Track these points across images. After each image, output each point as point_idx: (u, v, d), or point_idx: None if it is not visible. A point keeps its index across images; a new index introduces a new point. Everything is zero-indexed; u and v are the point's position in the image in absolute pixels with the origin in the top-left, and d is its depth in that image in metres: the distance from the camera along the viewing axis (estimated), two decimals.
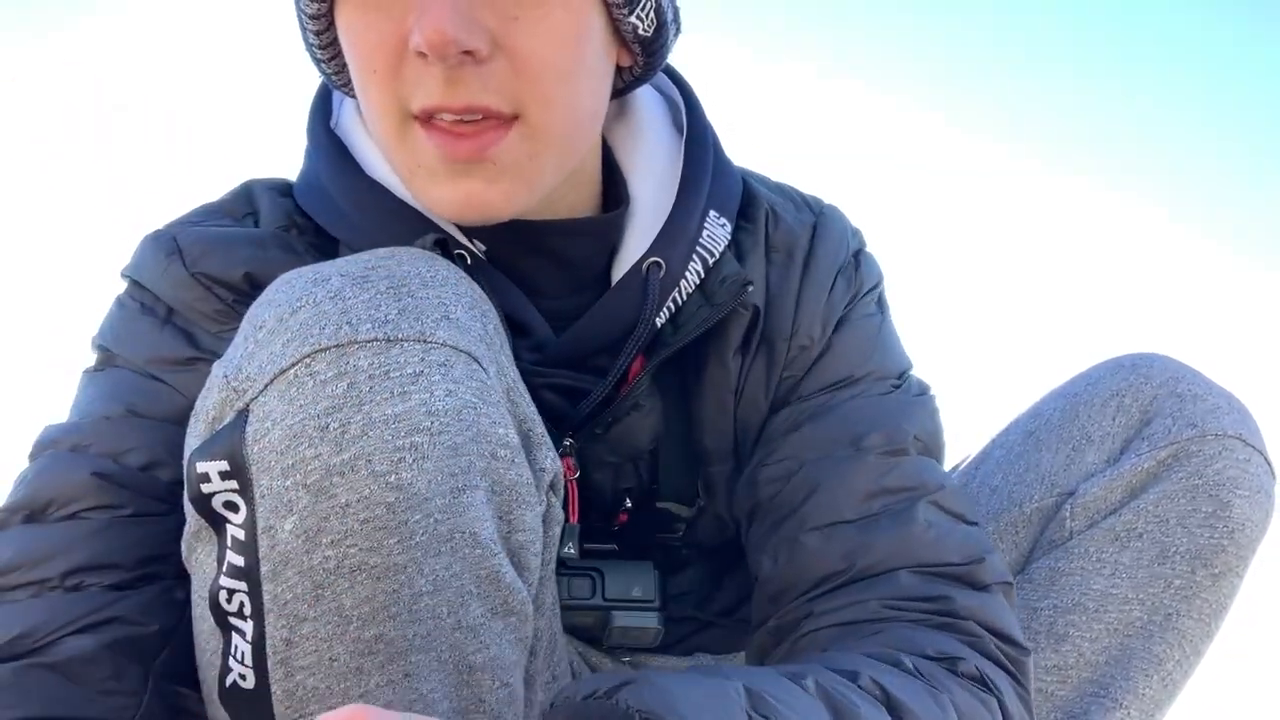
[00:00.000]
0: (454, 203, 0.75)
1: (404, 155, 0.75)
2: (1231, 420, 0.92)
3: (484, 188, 0.74)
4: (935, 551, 0.79)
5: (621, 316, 0.83)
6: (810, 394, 0.88)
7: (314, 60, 0.82)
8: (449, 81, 0.70)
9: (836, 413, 0.86)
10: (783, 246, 0.90)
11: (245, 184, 0.89)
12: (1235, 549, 0.91)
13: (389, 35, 0.71)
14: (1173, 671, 0.93)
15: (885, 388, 0.88)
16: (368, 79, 0.74)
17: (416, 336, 0.60)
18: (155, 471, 0.75)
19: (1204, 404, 0.93)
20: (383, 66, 0.72)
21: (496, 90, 0.71)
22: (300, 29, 0.79)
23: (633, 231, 0.86)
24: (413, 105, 0.72)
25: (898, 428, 0.84)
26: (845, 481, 0.82)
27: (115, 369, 0.80)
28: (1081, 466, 0.96)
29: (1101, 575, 0.92)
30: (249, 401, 0.60)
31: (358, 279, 0.62)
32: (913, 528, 0.79)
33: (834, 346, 0.89)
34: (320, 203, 0.85)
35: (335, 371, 0.59)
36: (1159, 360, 0.97)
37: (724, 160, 0.91)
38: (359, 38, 0.73)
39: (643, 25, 0.78)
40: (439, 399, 0.60)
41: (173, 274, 0.80)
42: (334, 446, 0.58)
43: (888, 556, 0.79)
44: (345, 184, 0.84)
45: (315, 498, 0.58)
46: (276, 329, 0.61)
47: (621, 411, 0.85)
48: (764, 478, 0.86)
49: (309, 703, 0.62)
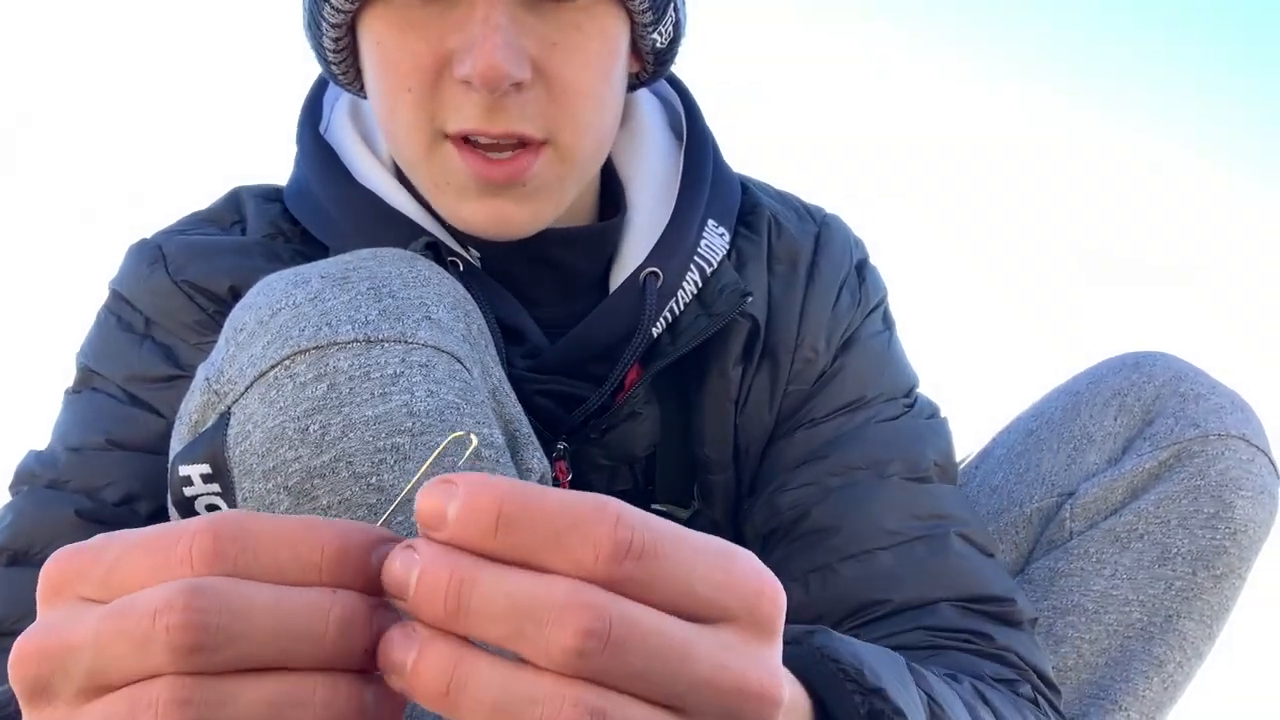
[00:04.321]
0: (484, 220, 0.76)
1: (432, 171, 0.76)
2: (1235, 420, 0.91)
3: (514, 208, 0.76)
4: (973, 584, 0.78)
5: (618, 325, 0.82)
6: (824, 417, 0.86)
7: (321, 60, 0.81)
8: (490, 109, 0.71)
9: (855, 439, 0.84)
10: (786, 257, 0.89)
11: (234, 190, 0.89)
12: (1238, 550, 0.90)
13: (425, 57, 0.71)
14: (1173, 673, 0.92)
15: (897, 409, 0.87)
16: (398, 98, 0.73)
17: (397, 337, 0.60)
18: (134, 505, 0.76)
19: (1207, 403, 0.92)
20: (418, 87, 0.72)
21: (533, 117, 0.72)
22: (310, 28, 0.78)
23: (630, 240, 0.85)
24: (448, 127, 0.73)
25: (920, 454, 0.83)
26: (875, 508, 0.80)
27: (94, 391, 0.80)
28: (1082, 466, 0.95)
29: (1101, 576, 0.91)
30: (230, 404, 0.60)
31: (338, 280, 0.62)
32: (950, 559, 0.78)
33: (845, 367, 0.88)
34: (309, 209, 0.85)
35: (315, 374, 0.58)
36: (1162, 359, 0.96)
37: (723, 167, 0.91)
38: (393, 56, 0.73)
39: (661, 39, 0.79)
40: (420, 400, 0.59)
41: (155, 282, 0.81)
42: (314, 449, 0.58)
43: (928, 588, 0.78)
44: (334, 191, 0.84)
45: (297, 500, 0.58)
46: (257, 331, 0.60)
47: (617, 419, 0.84)
48: (786, 502, 0.84)
49: None
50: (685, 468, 0.90)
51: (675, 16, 0.79)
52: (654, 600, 0.35)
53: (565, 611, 0.34)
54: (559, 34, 0.72)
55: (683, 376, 0.88)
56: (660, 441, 0.88)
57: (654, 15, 0.76)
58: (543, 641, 0.34)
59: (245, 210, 0.87)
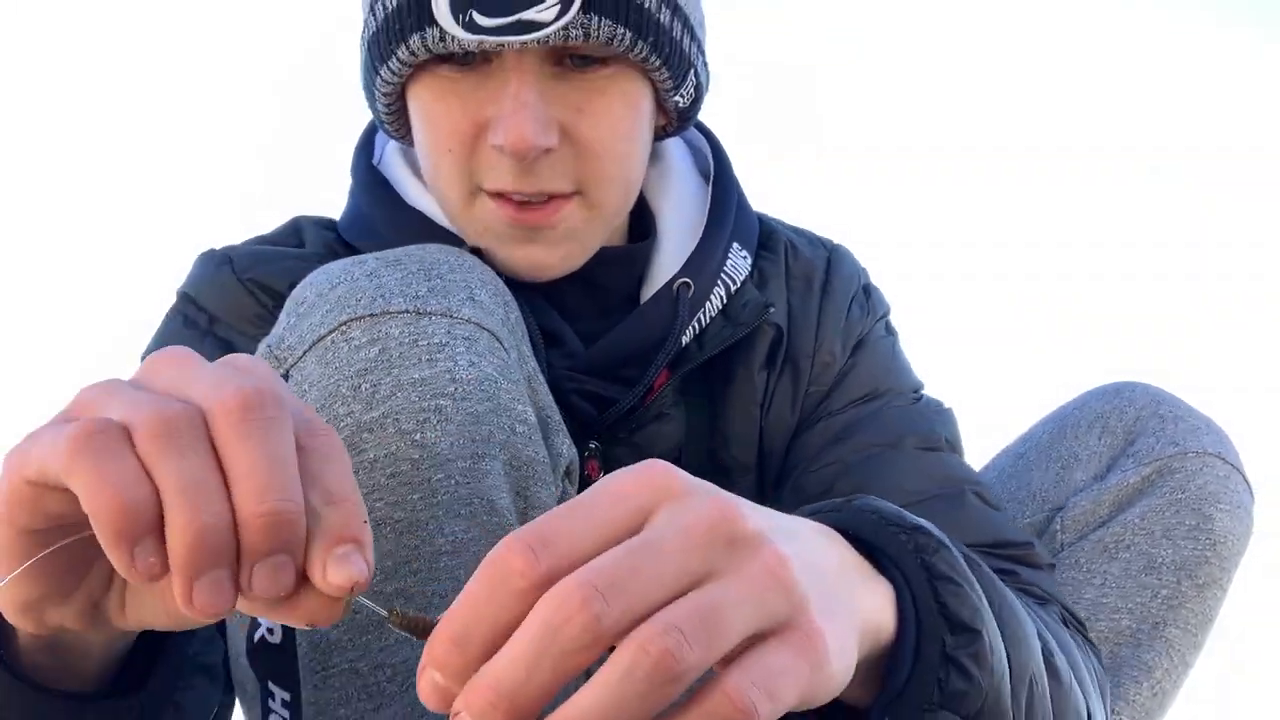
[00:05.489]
0: (519, 264, 0.83)
1: (472, 220, 0.83)
2: (1211, 440, 0.97)
3: (545, 252, 0.83)
4: (994, 532, 0.82)
5: (651, 331, 0.87)
6: (839, 409, 0.92)
7: (376, 118, 0.89)
8: (522, 172, 0.78)
9: (870, 422, 0.90)
10: (801, 275, 0.97)
11: (294, 219, 0.96)
12: (1218, 560, 0.95)
13: (464, 123, 0.79)
14: (1161, 680, 0.96)
15: (908, 399, 0.94)
16: (441, 157, 0.81)
17: (444, 311, 0.65)
18: None
19: (1184, 424, 0.98)
20: (458, 148, 0.80)
21: (562, 175, 0.79)
22: (366, 88, 0.86)
23: (660, 260, 0.91)
24: (484, 184, 0.80)
25: (930, 430, 0.90)
26: (892, 475, 0.85)
27: None
28: (1070, 483, 1.01)
29: (1091, 585, 0.96)
30: (289, 368, 0.64)
31: (391, 262, 0.67)
32: (969, 511, 0.83)
33: (857, 364, 0.94)
34: (363, 231, 0.91)
35: (369, 338, 0.63)
36: (1141, 386, 1.03)
37: (745, 203, 0.98)
38: (435, 121, 0.80)
39: (683, 99, 0.85)
40: (462, 368, 0.63)
41: (221, 279, 0.87)
42: (365, 405, 0.61)
43: (951, 537, 0.81)
44: (388, 213, 0.90)
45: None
46: (316, 303, 0.65)
47: (646, 419, 0.89)
48: (810, 483, 0.89)
49: (331, 655, 0.64)
50: (708, 470, 0.94)
51: (696, 80, 0.86)
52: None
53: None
54: (585, 100, 0.78)
55: (710, 383, 0.93)
56: (686, 443, 0.93)
57: (674, 82, 0.82)
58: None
59: (305, 236, 0.93)
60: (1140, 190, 3.77)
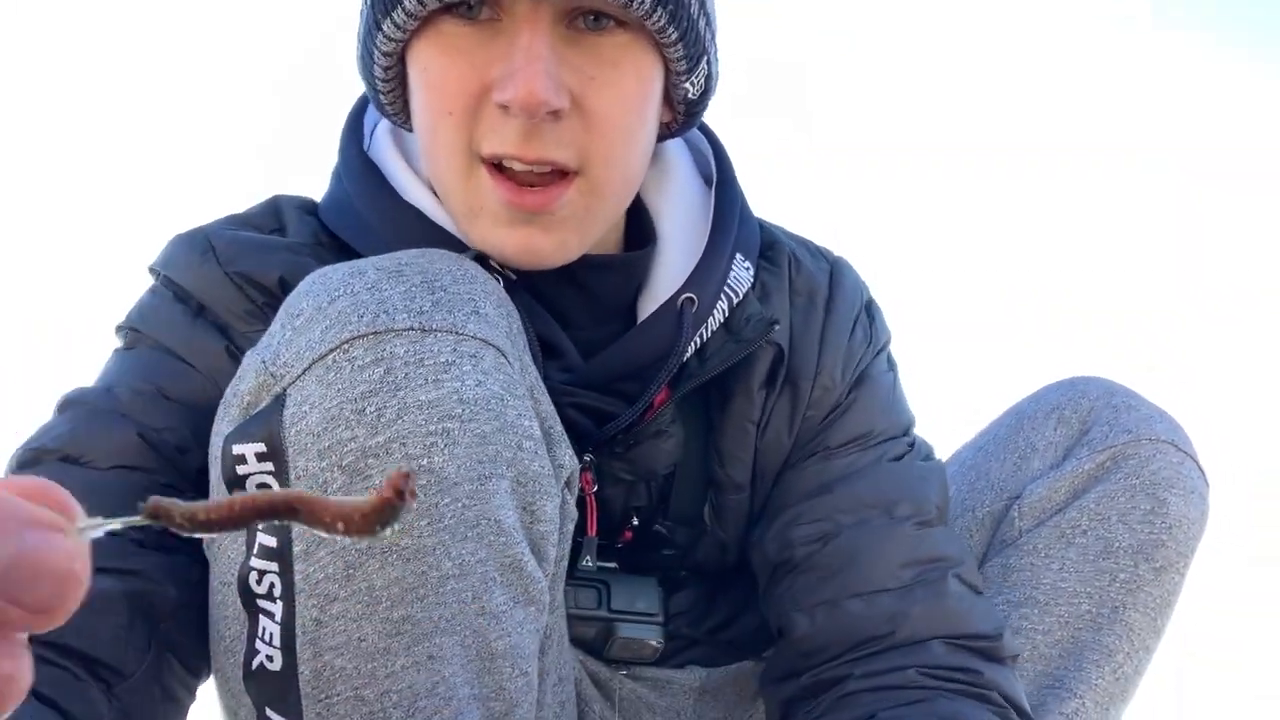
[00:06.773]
0: (512, 248, 0.79)
1: (466, 196, 0.79)
2: (1164, 427, 1.00)
3: (542, 236, 0.79)
4: (964, 623, 0.85)
5: (653, 347, 0.86)
6: (836, 448, 0.93)
7: (371, 90, 0.85)
8: (526, 135, 0.74)
9: (865, 477, 0.91)
10: (805, 290, 0.96)
11: (272, 199, 0.92)
12: (1174, 544, 0.97)
13: (470, 82, 0.75)
14: (1123, 664, 0.98)
15: (902, 448, 0.94)
16: (440, 120, 0.77)
17: (449, 328, 0.63)
18: (186, 456, 0.76)
19: (1138, 413, 1.00)
20: (459, 110, 0.76)
21: (567, 145, 0.76)
22: (363, 58, 0.82)
23: (661, 269, 0.90)
24: (483, 149, 0.76)
25: (924, 497, 0.91)
26: (884, 550, 0.87)
27: (146, 349, 0.81)
28: (1027, 472, 1.03)
29: (1050, 570, 0.98)
30: (287, 386, 0.63)
31: (392, 273, 0.66)
32: (946, 600, 0.85)
33: (857, 400, 0.94)
34: (351, 223, 0.87)
35: (372, 357, 0.62)
36: (1095, 380, 1.06)
37: (748, 209, 0.97)
38: (438, 80, 0.77)
39: (693, 89, 0.84)
40: (469, 388, 0.62)
41: (206, 271, 0.82)
42: (370, 429, 0.61)
43: (924, 626, 0.84)
44: (380, 206, 0.86)
45: (350, 479, 0.61)
46: (314, 317, 0.64)
47: (644, 436, 0.88)
48: (799, 537, 0.89)
49: (335, 683, 0.64)
50: (701, 488, 0.95)
51: (708, 70, 0.83)
52: None
53: None
54: (597, 68, 0.76)
55: (707, 400, 0.93)
56: (681, 460, 0.92)
57: (688, 64, 0.80)
58: None
59: (285, 218, 0.89)
60: (1131, 185, 3.79)
